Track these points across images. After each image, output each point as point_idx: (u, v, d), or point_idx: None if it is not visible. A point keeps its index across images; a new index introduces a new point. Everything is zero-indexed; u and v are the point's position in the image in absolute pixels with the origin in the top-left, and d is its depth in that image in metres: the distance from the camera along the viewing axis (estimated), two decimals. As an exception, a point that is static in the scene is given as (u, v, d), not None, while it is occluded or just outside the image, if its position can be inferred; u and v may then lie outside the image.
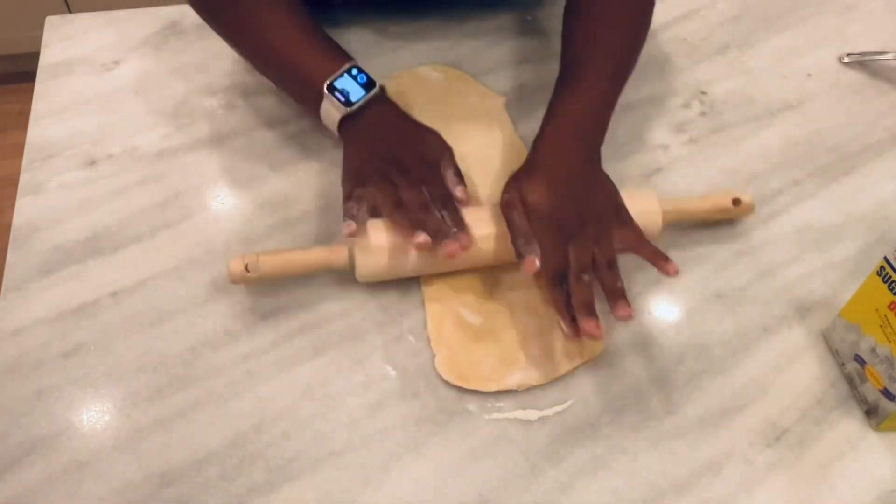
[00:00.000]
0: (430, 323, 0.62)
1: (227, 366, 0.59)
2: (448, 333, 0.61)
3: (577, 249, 0.58)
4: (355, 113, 0.65)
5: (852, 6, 0.93)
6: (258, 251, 0.61)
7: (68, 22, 0.85)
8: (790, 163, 0.76)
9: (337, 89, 0.65)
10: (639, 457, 0.56)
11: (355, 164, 0.65)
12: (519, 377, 0.59)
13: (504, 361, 0.60)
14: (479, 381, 0.59)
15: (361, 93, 0.65)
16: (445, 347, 0.61)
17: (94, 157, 0.72)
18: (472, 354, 0.60)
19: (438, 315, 0.62)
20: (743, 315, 0.64)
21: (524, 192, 0.61)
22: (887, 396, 0.56)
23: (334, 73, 0.65)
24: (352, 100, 0.65)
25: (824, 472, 0.56)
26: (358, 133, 0.65)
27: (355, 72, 0.66)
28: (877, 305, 0.56)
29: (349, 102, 0.64)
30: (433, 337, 0.61)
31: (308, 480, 0.54)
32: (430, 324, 0.62)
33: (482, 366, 0.60)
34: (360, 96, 0.65)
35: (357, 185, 0.63)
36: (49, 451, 0.55)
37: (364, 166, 0.64)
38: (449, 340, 0.61)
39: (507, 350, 0.61)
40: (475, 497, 0.54)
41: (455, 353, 0.60)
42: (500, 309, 0.63)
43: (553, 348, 0.61)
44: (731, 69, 0.84)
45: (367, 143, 0.65)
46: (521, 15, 0.88)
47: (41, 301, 0.62)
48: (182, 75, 0.79)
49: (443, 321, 0.62)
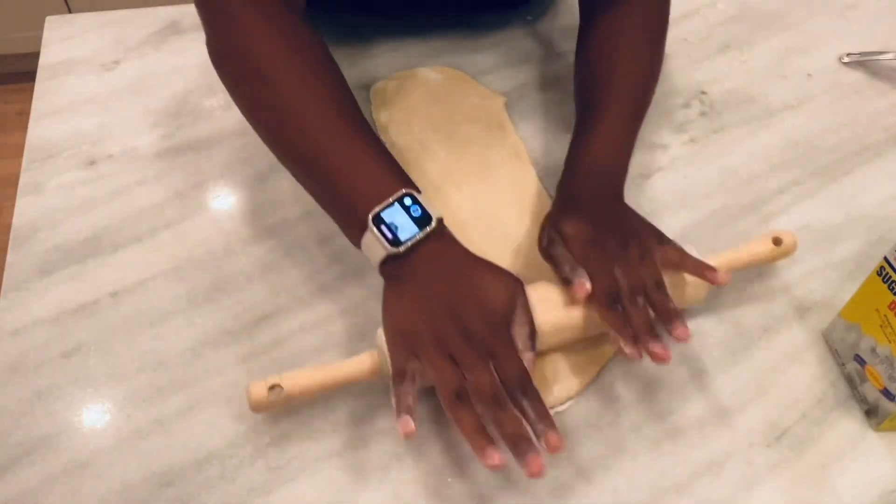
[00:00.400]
0: None
1: (227, 366, 0.59)
2: None
3: (625, 271, 0.56)
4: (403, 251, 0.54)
5: (852, 6, 0.93)
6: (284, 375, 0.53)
7: (68, 22, 0.85)
8: (790, 163, 0.76)
9: (384, 222, 0.53)
10: (639, 457, 0.56)
11: (404, 325, 0.53)
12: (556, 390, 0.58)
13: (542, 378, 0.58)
14: None
15: (414, 230, 0.53)
16: None
17: (94, 157, 0.72)
18: None
19: None
20: (743, 315, 0.64)
21: (560, 227, 0.59)
22: (887, 396, 0.56)
23: (384, 201, 0.54)
24: (401, 237, 0.53)
25: (824, 472, 0.56)
26: (405, 277, 0.54)
27: (409, 201, 0.54)
28: (877, 305, 0.56)
29: (397, 241, 0.53)
30: None
31: (308, 480, 0.54)
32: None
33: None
34: (411, 234, 0.53)
35: (409, 356, 0.52)
36: (49, 451, 0.55)
37: (415, 328, 0.52)
38: None
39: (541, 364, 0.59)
40: (475, 497, 0.54)
41: None
42: None
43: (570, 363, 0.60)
44: (731, 69, 0.84)
45: (418, 294, 0.53)
46: (522, 15, 0.88)
47: (41, 301, 0.62)
48: (182, 75, 0.79)
49: None
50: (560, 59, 0.83)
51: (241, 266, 0.65)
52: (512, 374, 0.50)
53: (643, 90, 0.69)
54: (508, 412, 0.49)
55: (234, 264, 0.65)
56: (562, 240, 0.58)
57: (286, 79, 0.57)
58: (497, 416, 0.49)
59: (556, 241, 0.59)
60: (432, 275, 0.54)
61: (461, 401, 0.49)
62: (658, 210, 0.70)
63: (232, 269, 0.65)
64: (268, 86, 0.57)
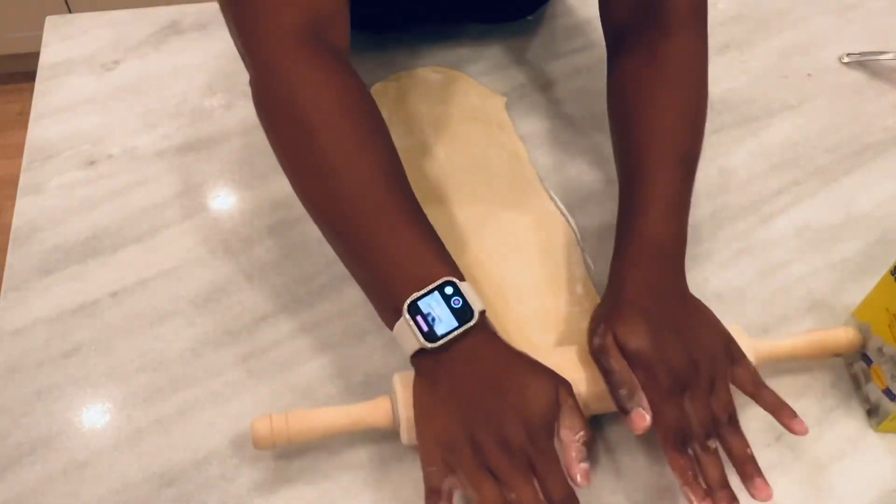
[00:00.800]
0: None
1: (227, 366, 0.59)
2: None
3: (697, 406, 0.50)
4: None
5: (852, 6, 0.93)
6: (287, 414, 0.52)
7: (68, 22, 0.85)
8: (790, 163, 0.76)
9: (421, 312, 0.49)
10: (639, 457, 0.56)
11: (439, 434, 0.48)
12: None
13: None
14: None
15: (452, 324, 0.49)
16: None
17: (94, 157, 0.72)
18: None
19: None
20: (743, 315, 0.64)
21: (619, 334, 0.51)
22: (889, 396, 0.56)
23: (422, 289, 0.49)
24: (437, 331, 0.49)
25: (824, 472, 0.56)
26: (440, 374, 0.49)
27: (450, 290, 0.49)
28: (887, 305, 0.56)
29: (433, 335, 0.49)
30: None
31: (308, 480, 0.54)
32: None
33: None
34: (448, 329, 0.49)
35: (446, 471, 0.47)
36: (49, 451, 0.55)
37: (451, 439, 0.48)
38: None
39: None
40: (475, 497, 0.54)
41: None
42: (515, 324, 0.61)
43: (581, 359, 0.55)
44: (731, 69, 0.84)
45: (453, 398, 0.49)
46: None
47: (41, 301, 0.62)
48: (182, 75, 0.79)
49: None
50: (560, 59, 0.83)
51: (241, 266, 0.65)
52: (554, 489, 0.46)
53: (693, 137, 0.61)
54: None
55: (234, 264, 0.65)
56: (617, 347, 0.51)
57: (334, 140, 0.52)
58: None
59: (610, 349, 0.51)
60: (470, 375, 0.49)
61: None
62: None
63: (232, 269, 0.65)
64: (314, 148, 0.53)
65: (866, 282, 0.60)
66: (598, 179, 0.73)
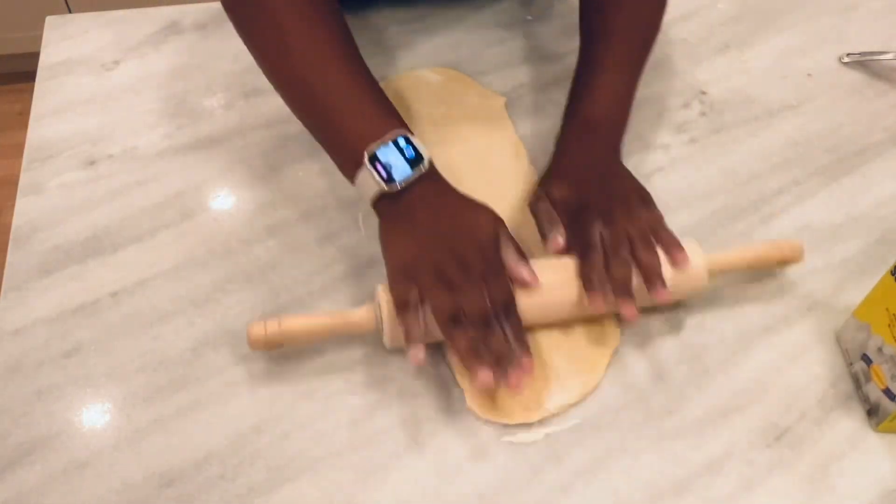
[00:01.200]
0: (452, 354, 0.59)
1: (227, 366, 0.59)
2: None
3: (610, 225, 0.59)
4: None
5: (852, 6, 0.93)
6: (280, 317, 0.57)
7: (68, 22, 0.85)
8: (790, 163, 0.76)
9: (380, 160, 0.56)
10: (639, 457, 0.56)
11: (403, 260, 0.56)
12: (556, 399, 0.58)
13: (538, 383, 0.58)
14: (521, 413, 0.57)
15: (407, 171, 0.56)
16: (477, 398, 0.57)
17: (94, 157, 0.72)
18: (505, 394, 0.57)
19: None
20: (743, 315, 0.64)
21: (549, 188, 0.62)
22: (888, 396, 0.56)
23: (378, 141, 0.57)
24: (395, 177, 0.56)
25: (824, 472, 0.56)
26: (401, 215, 0.57)
27: (403, 142, 0.57)
28: (887, 305, 0.56)
29: (392, 180, 0.56)
30: (458, 370, 0.58)
31: (308, 480, 0.54)
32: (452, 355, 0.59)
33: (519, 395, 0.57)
34: (405, 175, 0.56)
35: (410, 288, 0.55)
36: (49, 451, 0.55)
37: (414, 262, 0.56)
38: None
39: (538, 369, 0.58)
40: (475, 497, 0.54)
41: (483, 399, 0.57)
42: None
43: (580, 354, 0.60)
44: (731, 69, 0.84)
45: (414, 231, 0.57)
46: (521, 15, 0.88)
47: (41, 301, 0.62)
48: (182, 75, 0.79)
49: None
50: (560, 59, 0.83)
51: (241, 266, 0.65)
52: (499, 298, 0.55)
53: (643, 42, 0.69)
54: (496, 334, 0.54)
55: (234, 264, 0.65)
56: (549, 201, 0.61)
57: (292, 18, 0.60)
58: (486, 337, 0.54)
59: (542, 200, 0.62)
60: (426, 213, 0.57)
61: (456, 324, 0.54)
62: (658, 210, 0.70)
63: (232, 269, 0.65)
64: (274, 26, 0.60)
65: (866, 282, 0.60)
66: (598, 179, 0.73)
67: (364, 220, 0.68)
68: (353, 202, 0.69)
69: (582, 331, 0.61)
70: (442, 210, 0.58)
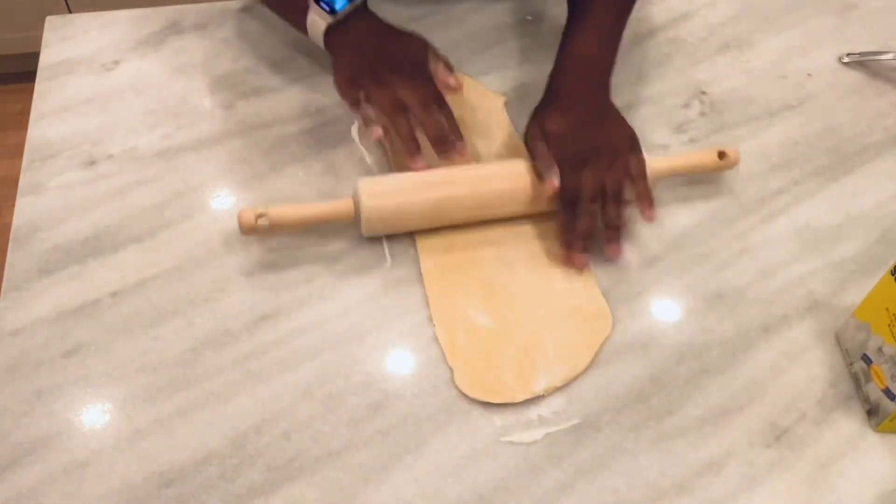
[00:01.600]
0: (442, 334, 0.61)
1: (227, 366, 0.59)
2: (462, 344, 0.60)
3: (591, 176, 0.64)
4: (340, 23, 0.68)
5: (852, 6, 0.93)
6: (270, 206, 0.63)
7: (68, 22, 0.85)
8: (790, 163, 0.76)
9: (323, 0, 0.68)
10: (639, 457, 0.56)
11: (348, 73, 0.68)
12: (544, 381, 0.58)
13: (525, 365, 0.59)
14: (507, 392, 0.58)
15: (345, 2, 0.68)
16: (462, 361, 0.59)
17: (94, 157, 0.72)
18: (492, 364, 0.59)
19: (448, 321, 0.61)
20: (743, 315, 0.64)
21: (543, 122, 0.67)
22: (888, 396, 0.56)
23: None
24: (336, 7, 0.67)
25: (824, 472, 0.56)
26: (345, 42, 0.69)
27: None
28: (887, 305, 0.56)
29: (334, 11, 0.68)
30: (448, 351, 0.60)
31: (308, 480, 0.54)
32: (442, 335, 0.61)
33: (505, 376, 0.59)
34: (343, 4, 0.68)
35: (357, 90, 0.66)
36: (49, 451, 0.55)
37: (357, 72, 0.67)
38: (465, 352, 0.60)
39: (525, 352, 0.60)
40: (475, 497, 0.54)
41: (474, 368, 0.59)
42: (506, 299, 0.63)
43: (569, 339, 0.61)
44: (731, 69, 0.84)
45: (356, 51, 0.69)
46: (521, 15, 0.88)
47: (41, 301, 0.62)
48: (182, 75, 0.79)
49: (454, 330, 0.61)
50: (560, 59, 0.83)
51: (241, 266, 0.65)
52: (430, 94, 0.66)
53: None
54: (433, 117, 0.65)
55: (234, 264, 0.65)
56: (542, 135, 0.66)
57: None
58: (424, 120, 0.65)
59: (537, 136, 0.67)
60: (367, 39, 0.69)
61: (397, 112, 0.65)
62: (658, 210, 0.70)
63: (232, 269, 0.65)
64: None
65: (866, 282, 0.60)
66: (598, 179, 0.73)
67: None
68: (353, 202, 0.69)
69: (573, 317, 0.62)
70: (380, 37, 0.70)
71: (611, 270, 0.66)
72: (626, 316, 0.63)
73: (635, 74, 0.80)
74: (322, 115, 0.76)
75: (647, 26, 0.88)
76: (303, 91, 0.78)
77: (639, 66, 0.77)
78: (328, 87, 0.70)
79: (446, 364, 0.60)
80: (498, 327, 0.61)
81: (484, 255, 0.66)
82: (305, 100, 0.77)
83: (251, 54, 0.81)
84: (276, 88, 0.78)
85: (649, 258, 0.67)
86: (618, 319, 0.63)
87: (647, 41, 0.86)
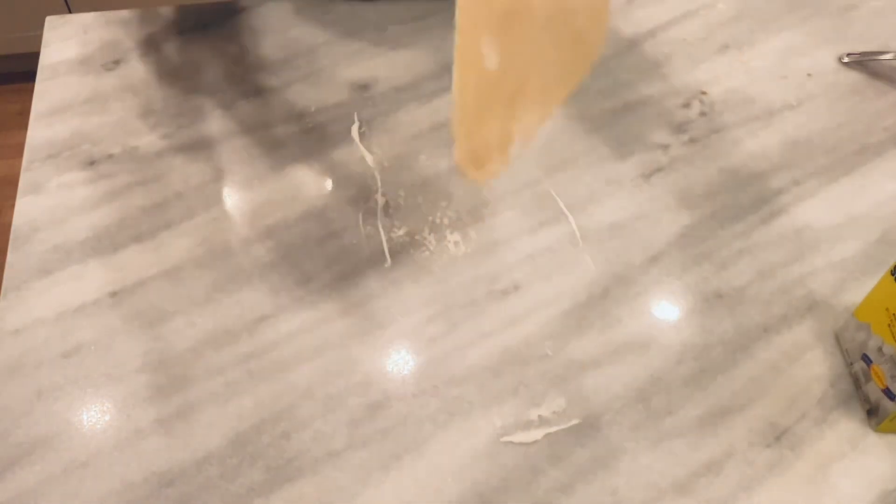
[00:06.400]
0: (457, 87, 0.57)
1: (228, 366, 0.59)
2: (471, 100, 0.57)
3: None
4: None
5: (852, 6, 0.93)
6: None
7: (68, 22, 0.85)
8: (790, 163, 0.76)
9: None
10: (639, 457, 0.56)
11: None
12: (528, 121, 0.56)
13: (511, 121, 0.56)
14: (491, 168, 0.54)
15: None
16: (465, 131, 0.55)
17: (94, 157, 0.72)
18: (488, 126, 0.56)
19: (466, 65, 0.57)
20: (743, 315, 0.64)
21: None
22: (888, 396, 0.56)
23: None
24: None
25: (824, 472, 0.56)
26: None
27: None
28: (887, 305, 0.56)
29: None
30: (455, 120, 0.56)
31: (308, 480, 0.54)
32: (457, 89, 0.57)
33: (492, 142, 0.55)
34: None
35: None
36: (49, 451, 0.55)
37: None
38: (469, 107, 0.56)
39: (518, 98, 0.57)
40: (475, 497, 0.54)
41: (472, 137, 0.55)
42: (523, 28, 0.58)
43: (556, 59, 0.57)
44: (731, 69, 0.84)
45: None
46: (521, 15, 0.88)
47: (41, 301, 0.62)
48: (182, 75, 0.79)
49: (467, 78, 0.57)
50: (560, 59, 0.83)
51: (241, 266, 0.65)
52: None
53: None
54: None
55: (234, 264, 0.65)
56: None
57: None
58: None
59: None
60: None
61: None
62: (658, 210, 0.70)
63: (232, 269, 0.65)
64: None
65: (866, 282, 0.60)
66: (598, 179, 0.73)
67: (364, 220, 0.68)
68: (353, 202, 0.69)
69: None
70: None
71: (611, 270, 0.66)
72: (626, 316, 0.64)
73: (635, 74, 0.80)
74: (322, 115, 0.76)
75: (647, 26, 0.88)
76: (303, 91, 0.78)
77: (639, 66, 0.77)
78: (328, 87, 0.70)
79: (446, 364, 0.60)
80: (504, 68, 0.58)
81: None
82: (305, 100, 0.77)
83: (251, 54, 0.81)
84: (276, 88, 0.78)
85: (649, 258, 0.68)
86: (618, 319, 0.63)
87: (647, 41, 0.86)
